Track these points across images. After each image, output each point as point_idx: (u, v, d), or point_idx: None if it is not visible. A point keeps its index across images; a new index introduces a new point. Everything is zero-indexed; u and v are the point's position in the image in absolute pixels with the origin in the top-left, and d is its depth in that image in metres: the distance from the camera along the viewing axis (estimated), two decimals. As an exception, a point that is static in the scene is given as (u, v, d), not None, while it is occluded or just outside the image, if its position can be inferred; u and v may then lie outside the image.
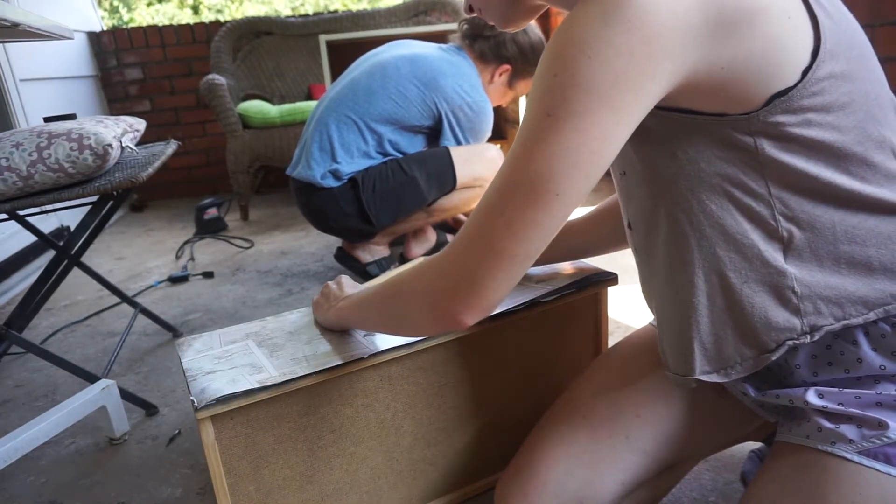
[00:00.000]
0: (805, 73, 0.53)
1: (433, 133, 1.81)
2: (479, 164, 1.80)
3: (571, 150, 0.52)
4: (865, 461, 0.55)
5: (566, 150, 0.52)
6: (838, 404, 0.59)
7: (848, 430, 0.57)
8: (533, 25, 1.88)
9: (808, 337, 0.60)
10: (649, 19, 0.49)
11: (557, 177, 0.53)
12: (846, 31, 0.56)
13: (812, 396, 0.60)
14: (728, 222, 0.59)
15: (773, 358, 0.61)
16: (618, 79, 0.50)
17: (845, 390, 0.60)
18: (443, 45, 1.86)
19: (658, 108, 0.58)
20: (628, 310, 1.56)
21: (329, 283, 0.93)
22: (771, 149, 0.56)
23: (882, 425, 0.56)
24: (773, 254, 0.59)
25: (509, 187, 0.55)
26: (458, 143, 1.79)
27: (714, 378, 0.64)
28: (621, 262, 1.82)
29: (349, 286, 0.91)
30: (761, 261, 0.59)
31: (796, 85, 0.53)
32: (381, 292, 0.72)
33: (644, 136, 0.60)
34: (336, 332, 0.87)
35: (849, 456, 0.56)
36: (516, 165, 0.54)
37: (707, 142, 0.57)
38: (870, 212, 0.58)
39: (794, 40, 0.53)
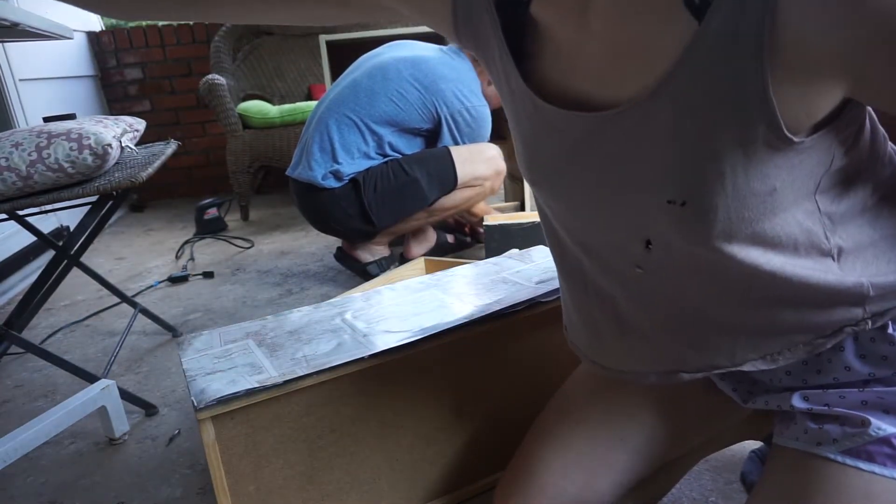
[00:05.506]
0: None
1: (431, 136, 1.81)
2: (479, 163, 1.80)
3: None
4: (848, 460, 0.55)
5: None
6: (823, 405, 0.59)
7: (832, 430, 0.57)
8: None
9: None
10: None
11: None
12: None
13: (797, 400, 0.60)
14: None
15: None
16: None
17: (829, 391, 0.59)
18: (443, 47, 1.86)
19: None
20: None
21: None
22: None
23: (865, 423, 0.55)
24: None
25: None
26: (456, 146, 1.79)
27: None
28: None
29: None
30: None
31: None
32: None
33: None
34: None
35: (832, 456, 0.56)
36: None
37: None
38: None
39: None
